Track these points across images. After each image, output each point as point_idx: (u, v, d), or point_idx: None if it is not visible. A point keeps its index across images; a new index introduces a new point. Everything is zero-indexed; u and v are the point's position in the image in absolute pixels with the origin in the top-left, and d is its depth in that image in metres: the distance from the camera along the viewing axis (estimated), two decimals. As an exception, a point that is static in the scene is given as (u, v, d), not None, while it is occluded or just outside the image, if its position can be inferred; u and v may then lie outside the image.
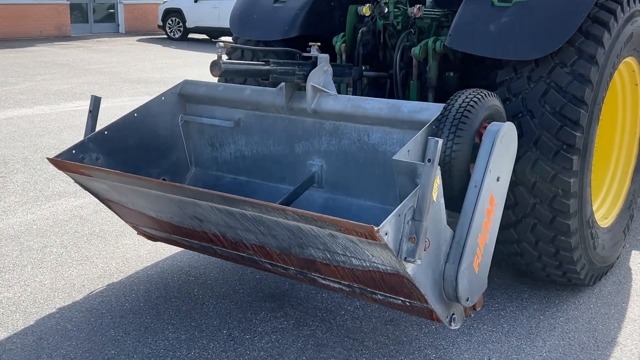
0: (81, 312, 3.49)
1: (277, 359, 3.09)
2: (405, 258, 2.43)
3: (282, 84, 3.45)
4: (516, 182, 3.31)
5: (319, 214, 2.49)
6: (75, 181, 3.48)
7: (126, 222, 3.81)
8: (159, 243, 4.41)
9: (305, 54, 3.41)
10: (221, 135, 3.85)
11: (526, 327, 3.43)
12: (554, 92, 3.25)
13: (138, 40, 19.66)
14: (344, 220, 2.42)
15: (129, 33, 22.15)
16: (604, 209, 4.01)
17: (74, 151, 3.41)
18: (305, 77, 3.34)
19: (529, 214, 3.38)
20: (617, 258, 4.10)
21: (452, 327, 2.82)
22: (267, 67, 3.21)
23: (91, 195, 3.60)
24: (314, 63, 3.37)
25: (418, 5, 3.88)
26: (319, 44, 3.49)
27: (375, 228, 2.30)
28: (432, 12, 3.94)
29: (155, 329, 3.34)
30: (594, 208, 3.75)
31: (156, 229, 3.60)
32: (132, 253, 4.27)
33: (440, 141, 2.42)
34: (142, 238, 4.47)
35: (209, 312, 3.52)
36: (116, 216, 4.86)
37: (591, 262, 3.66)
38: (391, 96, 4.11)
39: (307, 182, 3.52)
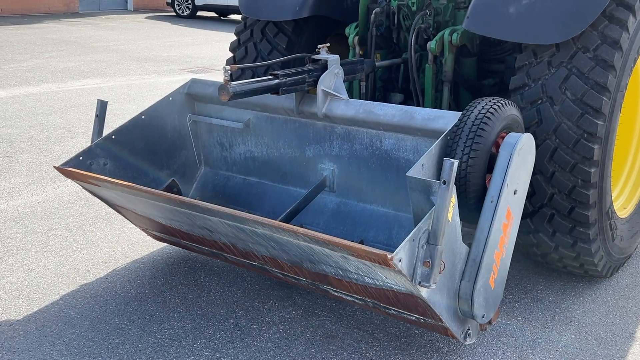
0: (85, 299, 3.42)
1: (285, 350, 3.01)
2: (420, 282, 2.36)
3: None
4: (534, 171, 3.20)
5: (331, 238, 2.42)
6: (84, 188, 3.41)
7: (136, 225, 3.77)
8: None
9: (314, 57, 3.29)
10: (230, 135, 3.76)
11: (541, 320, 3.34)
12: (575, 78, 3.13)
13: (146, 18, 19.48)
14: (357, 246, 2.34)
15: (138, 10, 21.95)
16: (623, 198, 3.90)
17: (81, 158, 3.35)
18: (315, 82, 3.22)
19: (547, 204, 3.27)
20: (635, 249, 3.99)
21: (467, 342, 2.78)
22: (276, 80, 3.08)
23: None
24: (324, 66, 3.26)
25: (434, -14, 3.75)
26: (328, 44, 3.39)
27: (389, 256, 2.22)
28: (449, -7, 3.80)
29: (160, 317, 3.26)
30: (613, 198, 3.63)
31: (166, 234, 3.55)
32: (138, 237, 4.19)
33: (456, 163, 2.33)
34: (148, 222, 4.40)
35: (215, 300, 3.44)
36: (122, 199, 4.80)
37: (609, 253, 3.55)
38: (405, 80, 3.99)
39: (318, 186, 3.44)
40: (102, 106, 3.46)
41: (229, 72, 2.99)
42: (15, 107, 7.60)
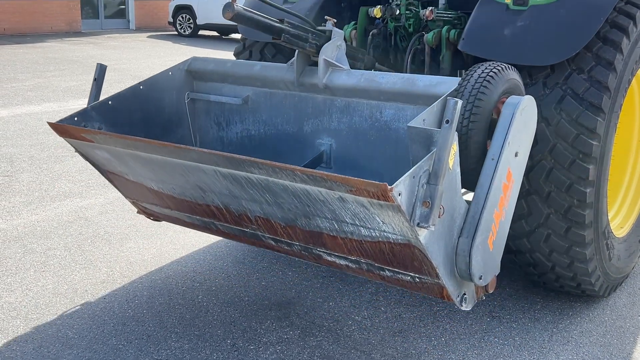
0: (83, 319, 3.42)
1: (282, 371, 3.01)
2: (419, 223, 2.29)
3: (293, 59, 3.35)
4: (530, 191, 3.22)
5: (330, 173, 2.37)
6: (76, 150, 3.35)
7: (126, 197, 3.68)
8: (164, 246, 4.35)
9: (320, 28, 3.29)
10: (228, 113, 3.75)
11: (539, 340, 3.33)
12: (570, 99, 3.15)
13: (148, 37, 19.63)
14: (356, 179, 2.29)
15: (140, 29, 22.13)
16: (620, 218, 3.90)
17: (76, 118, 3.28)
18: (317, 48, 3.23)
19: (543, 224, 3.28)
20: (633, 269, 3.99)
21: (463, 308, 2.68)
22: (280, 25, 3.07)
23: (98, 196, 3.52)
24: (328, 37, 3.27)
25: (430, 8, 3.79)
26: (335, 20, 3.36)
27: (389, 187, 2.17)
28: (445, 15, 3.84)
29: (158, 337, 3.27)
30: (609, 217, 3.64)
31: (157, 204, 3.48)
32: (136, 257, 4.20)
33: (460, 102, 2.31)
34: (147, 241, 4.41)
35: (213, 320, 3.44)
36: (122, 218, 4.82)
37: (606, 273, 3.55)
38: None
39: (314, 161, 3.41)
40: (101, 69, 3.41)
41: None
42: (17, 126, 7.64)
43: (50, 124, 3.17)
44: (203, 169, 2.84)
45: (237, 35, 20.01)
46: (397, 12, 3.89)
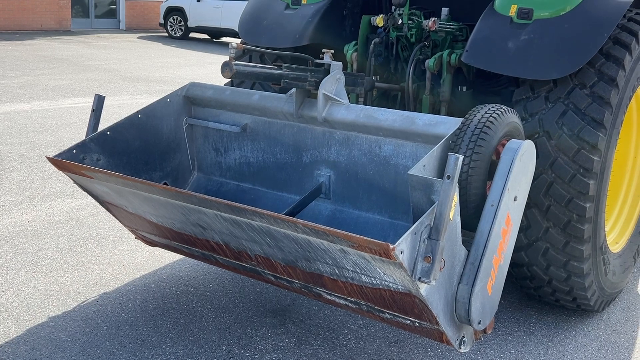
0: (76, 322, 3.37)
1: (278, 379, 2.99)
2: (420, 278, 2.32)
3: (293, 90, 3.33)
4: (529, 204, 3.22)
5: (332, 229, 2.38)
6: (75, 182, 3.36)
7: (125, 225, 3.70)
8: (157, 250, 4.30)
9: (318, 61, 3.30)
10: (226, 140, 3.74)
11: (534, 354, 3.33)
12: (572, 113, 3.17)
13: (139, 38, 19.53)
14: (358, 236, 2.31)
15: (130, 30, 22.02)
16: (615, 233, 3.93)
17: (74, 151, 3.29)
18: (317, 85, 3.22)
19: (542, 237, 3.29)
20: (626, 284, 4.01)
21: (462, 350, 2.71)
22: (279, 71, 3.11)
23: (89, 197, 3.48)
24: (326, 70, 3.26)
25: (433, 19, 3.80)
26: (332, 51, 3.37)
27: (391, 246, 2.19)
28: (448, 26, 3.85)
29: (152, 342, 3.23)
30: (605, 232, 3.66)
31: (156, 235, 3.49)
32: (129, 260, 4.16)
33: (461, 158, 2.33)
34: (139, 244, 4.36)
35: (207, 326, 3.41)
36: (114, 220, 4.76)
37: (602, 288, 3.57)
38: (402, 109, 4.02)
39: (314, 192, 3.41)
40: (99, 101, 3.40)
41: (235, 49, 2.96)
42: (6, 123, 7.56)
43: (50, 159, 3.18)
44: (204, 211, 2.85)
45: (229, 39, 20.02)
46: (400, 21, 3.89)
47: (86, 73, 11.56)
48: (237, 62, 2.91)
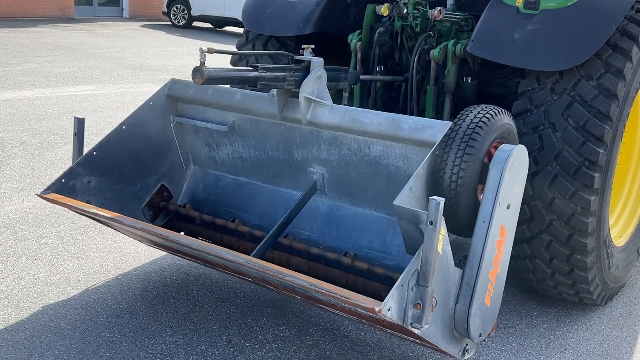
0: (76, 310, 3.36)
1: (278, 370, 2.97)
2: (412, 324, 2.32)
3: (274, 91, 3.22)
4: (533, 197, 3.20)
5: (319, 284, 2.37)
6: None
7: (127, 236, 3.71)
8: (158, 239, 4.29)
9: (297, 57, 3.16)
10: (217, 136, 3.67)
11: (536, 347, 3.32)
12: (578, 105, 3.13)
13: (142, 26, 19.46)
14: (348, 298, 2.29)
15: (133, 18, 21.94)
16: (619, 227, 3.90)
17: (63, 180, 3.24)
18: (297, 84, 3.09)
19: (545, 230, 3.26)
20: (629, 278, 3.99)
21: (466, 357, 2.71)
22: (254, 73, 2.93)
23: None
24: (306, 67, 3.12)
25: (439, 8, 3.76)
26: (313, 46, 3.23)
27: (377, 308, 2.18)
28: (453, 16, 3.81)
29: (152, 331, 3.21)
30: (609, 226, 3.63)
31: (158, 246, 3.53)
32: (130, 248, 4.14)
33: (442, 202, 2.23)
34: (141, 233, 4.35)
35: (208, 315, 3.39)
36: (115, 208, 4.75)
37: (605, 282, 3.54)
38: (405, 100, 3.98)
39: (310, 190, 3.37)
40: (79, 124, 3.33)
41: (205, 54, 2.80)
42: (8, 110, 7.53)
43: (40, 196, 3.15)
44: (194, 251, 2.87)
45: (232, 29, 19.96)
46: (405, 10, 3.85)
47: (89, 61, 11.52)
48: (208, 67, 2.77)
